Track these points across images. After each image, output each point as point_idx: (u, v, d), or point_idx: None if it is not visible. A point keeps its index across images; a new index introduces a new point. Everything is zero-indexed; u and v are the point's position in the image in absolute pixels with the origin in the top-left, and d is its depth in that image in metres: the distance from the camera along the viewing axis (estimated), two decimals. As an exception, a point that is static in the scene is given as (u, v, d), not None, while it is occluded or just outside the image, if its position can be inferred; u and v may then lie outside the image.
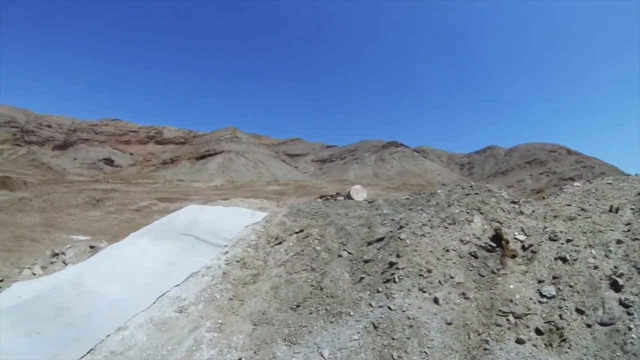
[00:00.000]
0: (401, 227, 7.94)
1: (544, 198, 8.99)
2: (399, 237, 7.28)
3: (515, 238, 6.96)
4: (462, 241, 7.08)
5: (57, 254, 10.67)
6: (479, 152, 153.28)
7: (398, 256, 6.70)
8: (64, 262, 10.24)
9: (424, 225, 7.71)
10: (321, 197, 14.32)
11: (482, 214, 7.83)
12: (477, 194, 8.84)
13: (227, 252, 8.49)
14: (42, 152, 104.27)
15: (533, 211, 7.83)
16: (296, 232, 8.92)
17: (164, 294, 7.05)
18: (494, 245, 6.90)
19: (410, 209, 9.38)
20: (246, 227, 9.48)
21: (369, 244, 7.96)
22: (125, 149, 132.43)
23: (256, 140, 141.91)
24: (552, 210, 7.66)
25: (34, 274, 9.65)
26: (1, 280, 9.20)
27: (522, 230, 7.18)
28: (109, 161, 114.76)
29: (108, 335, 5.93)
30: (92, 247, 11.08)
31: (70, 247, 11.09)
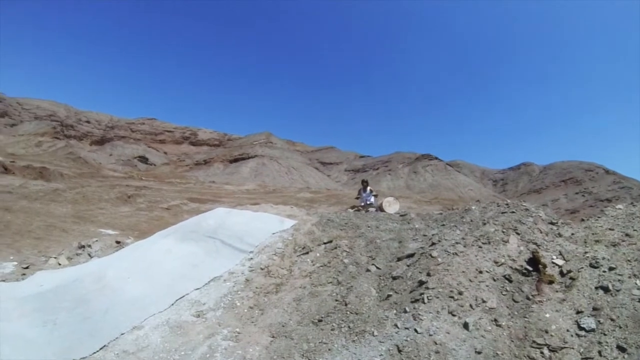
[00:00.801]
0: (433, 243, 7.50)
1: (583, 220, 8.30)
2: (431, 255, 6.87)
3: (553, 262, 6.42)
4: (496, 262, 6.57)
5: (83, 246, 10.72)
6: (513, 169, 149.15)
7: (428, 275, 6.29)
8: (89, 254, 10.26)
9: (457, 243, 7.24)
10: (352, 207, 14.06)
11: (518, 234, 7.29)
12: (513, 212, 8.28)
13: (252, 258, 8.23)
14: (80, 146, 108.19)
15: (572, 234, 7.24)
16: (324, 243, 8.57)
17: (183, 296, 6.85)
18: (530, 268, 6.36)
19: (443, 224, 8.90)
20: (273, 234, 9.22)
21: (399, 259, 7.55)
22: (160, 148, 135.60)
23: (290, 146, 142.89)
24: (593, 234, 7.07)
25: (60, 264, 9.70)
26: (26, 268, 9.28)
27: (561, 254, 6.62)
28: (143, 159, 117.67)
29: (123, 334, 5.76)
30: (118, 242, 11.08)
31: (96, 240, 11.12)
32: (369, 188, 14.05)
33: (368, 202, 13.69)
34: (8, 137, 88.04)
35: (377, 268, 7.31)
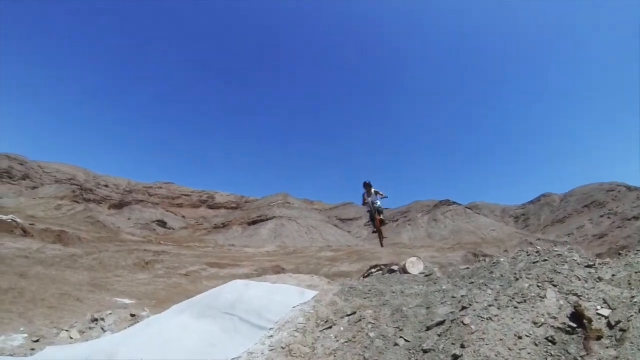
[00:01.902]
0: (464, 307, 6.95)
1: (620, 254, 7.63)
2: (463, 322, 6.32)
3: (599, 314, 5.74)
4: (535, 323, 5.97)
5: (96, 320, 10.37)
6: (533, 202, 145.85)
7: (462, 347, 5.73)
8: (102, 328, 9.89)
9: (490, 305, 6.69)
10: (374, 267, 13.43)
11: (555, 286, 6.70)
12: (545, 260, 7.71)
13: (272, 336, 7.73)
14: (99, 210, 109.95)
15: (614, 275, 6.59)
16: (348, 315, 8.05)
17: (201, 379, 6.36)
18: (574, 325, 5.72)
19: (472, 282, 8.35)
20: (294, 307, 8.75)
21: (429, 328, 6.98)
22: (178, 212, 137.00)
23: (308, 205, 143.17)
24: (636, 272, 6.41)
25: (71, 338, 9.36)
26: (37, 341, 8.95)
27: (605, 302, 5.97)
28: (161, 223, 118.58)
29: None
30: (133, 315, 10.72)
31: (110, 313, 10.77)
32: (373, 190, 13.03)
33: (376, 205, 12.95)
34: (29, 200, 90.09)
35: (406, 341, 6.76)
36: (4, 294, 13.47)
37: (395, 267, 12.03)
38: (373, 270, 12.32)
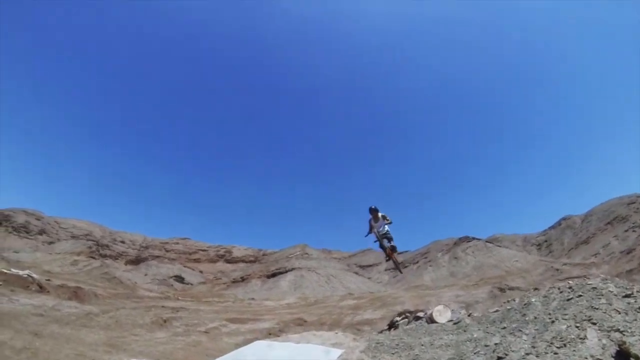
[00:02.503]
0: (499, 358, 6.51)
1: None
2: (500, 375, 5.91)
3: None
4: None
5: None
6: (554, 227, 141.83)
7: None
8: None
9: (527, 354, 6.27)
10: (399, 314, 12.94)
11: (594, 324, 6.29)
12: (580, 296, 7.31)
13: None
14: (115, 265, 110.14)
15: None
16: (377, 375, 7.65)
17: None
18: None
19: (504, 327, 7.91)
20: None
21: (464, 383, 6.56)
22: (195, 267, 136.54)
23: (327, 255, 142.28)
24: None
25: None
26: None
27: None
28: (179, 278, 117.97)
29: None
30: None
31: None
32: (380, 215, 11.80)
33: (383, 232, 11.71)
34: (45, 255, 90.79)
35: (442, 398, 6.35)
36: (18, 353, 13.24)
37: (421, 314, 11.57)
38: (398, 319, 11.84)
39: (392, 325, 11.87)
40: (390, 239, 11.76)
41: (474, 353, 7.39)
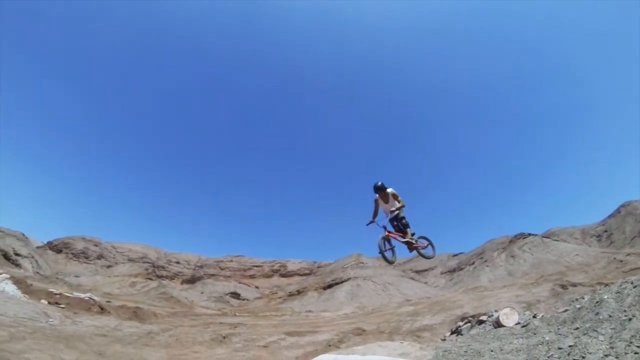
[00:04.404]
0: (577, 361, 6.25)
1: None
2: (581, 379, 5.66)
3: None
4: None
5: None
6: (614, 215, 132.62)
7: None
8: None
9: (606, 355, 5.95)
10: (462, 319, 12.65)
11: None
12: None
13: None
14: (172, 285, 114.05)
15: None
16: (448, 383, 7.53)
17: None
18: None
19: (577, 328, 7.53)
20: None
21: (543, 389, 6.34)
22: (251, 283, 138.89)
23: (382, 262, 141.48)
24: None
25: None
26: None
27: None
28: (235, 295, 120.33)
29: None
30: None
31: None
32: (389, 191, 9.12)
33: (395, 213, 9.07)
34: (104, 278, 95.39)
35: (521, 406, 6.17)
36: (85, 374, 13.92)
37: (484, 317, 11.27)
38: (461, 324, 11.54)
39: (456, 331, 11.61)
40: (406, 225, 9.16)
41: (548, 357, 7.12)
